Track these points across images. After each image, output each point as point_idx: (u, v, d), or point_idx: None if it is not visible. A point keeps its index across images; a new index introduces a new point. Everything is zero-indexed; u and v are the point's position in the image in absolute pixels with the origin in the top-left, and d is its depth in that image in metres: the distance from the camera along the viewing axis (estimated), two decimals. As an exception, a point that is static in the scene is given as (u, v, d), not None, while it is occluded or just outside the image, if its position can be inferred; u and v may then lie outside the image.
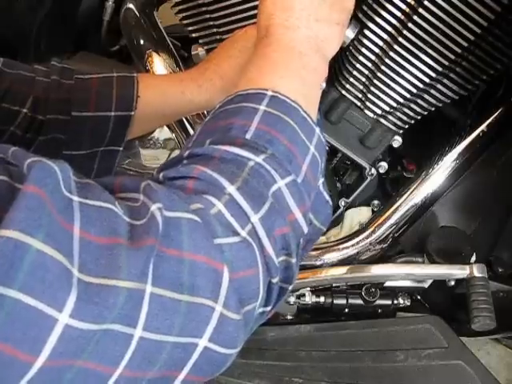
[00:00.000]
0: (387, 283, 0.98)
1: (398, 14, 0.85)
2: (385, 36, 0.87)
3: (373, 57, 0.90)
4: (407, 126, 0.96)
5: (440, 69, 0.88)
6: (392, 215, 0.96)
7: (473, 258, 0.93)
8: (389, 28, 0.86)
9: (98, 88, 0.72)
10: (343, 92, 0.94)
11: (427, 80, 0.89)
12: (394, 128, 0.96)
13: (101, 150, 0.73)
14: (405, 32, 0.85)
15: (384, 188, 1.06)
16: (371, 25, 0.87)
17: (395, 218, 0.96)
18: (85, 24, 1.20)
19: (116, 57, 1.24)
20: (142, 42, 1.06)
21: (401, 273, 0.95)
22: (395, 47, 0.87)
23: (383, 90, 0.92)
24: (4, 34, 1.09)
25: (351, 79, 0.93)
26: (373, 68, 0.91)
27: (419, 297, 1.02)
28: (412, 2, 0.83)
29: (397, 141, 0.96)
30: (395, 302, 0.99)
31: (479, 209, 0.98)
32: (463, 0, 0.82)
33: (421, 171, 0.96)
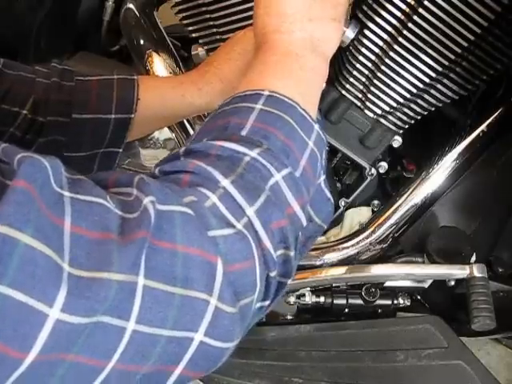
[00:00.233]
0: (387, 283, 0.98)
1: (398, 14, 0.85)
2: (385, 36, 0.87)
3: (373, 57, 0.90)
4: (407, 126, 0.96)
5: (440, 69, 0.88)
6: (392, 215, 0.96)
7: (473, 258, 0.93)
8: (389, 28, 0.86)
9: (99, 90, 0.72)
10: (343, 92, 0.94)
11: (427, 80, 0.89)
12: (394, 128, 0.96)
13: (100, 152, 0.73)
14: (405, 32, 0.85)
15: (384, 188, 1.06)
16: (371, 25, 0.87)
17: (395, 218, 0.96)
18: (85, 24, 1.20)
19: (116, 57, 1.24)
20: (142, 42, 1.06)
21: (401, 273, 0.95)
22: (395, 47, 0.87)
23: (383, 90, 0.92)
24: (4, 34, 1.09)
25: (351, 79, 0.93)
26: (373, 68, 0.91)
27: (419, 297, 1.02)
28: (412, 2, 0.83)
29: (397, 141, 0.96)
30: (395, 302, 0.99)
31: (479, 209, 0.98)
32: (463, 0, 0.82)
33: (421, 171, 0.96)
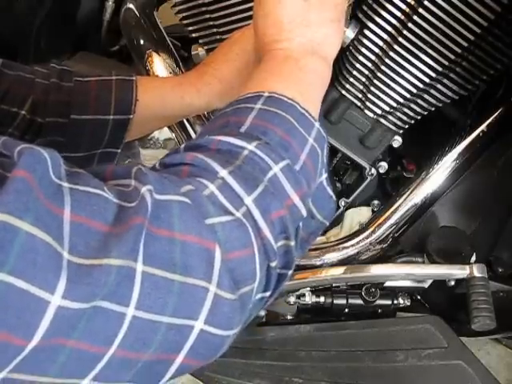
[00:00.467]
0: (387, 283, 0.98)
1: (398, 14, 0.85)
2: (385, 36, 0.87)
3: (373, 57, 0.90)
4: (407, 126, 0.96)
5: (440, 69, 0.88)
6: (392, 215, 0.96)
7: (473, 258, 0.93)
8: (389, 28, 0.86)
9: (97, 91, 0.73)
10: (343, 92, 0.94)
11: (427, 80, 0.89)
12: (394, 128, 0.96)
13: (99, 152, 0.74)
14: (405, 32, 0.85)
15: (384, 188, 1.06)
16: (371, 25, 0.87)
17: (395, 218, 0.96)
18: (85, 24, 1.20)
19: (116, 57, 1.24)
20: (142, 42, 1.06)
21: (401, 273, 0.95)
22: (395, 47, 0.87)
23: (383, 90, 0.92)
24: (4, 34, 1.09)
25: (351, 79, 0.93)
26: (373, 68, 0.91)
27: (419, 297, 1.02)
28: (412, 2, 0.83)
29: (397, 141, 0.96)
30: (395, 302, 0.99)
31: (479, 209, 0.98)
32: (463, 0, 0.82)
33: (421, 171, 0.96)
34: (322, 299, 0.99)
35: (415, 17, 0.84)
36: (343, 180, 1.05)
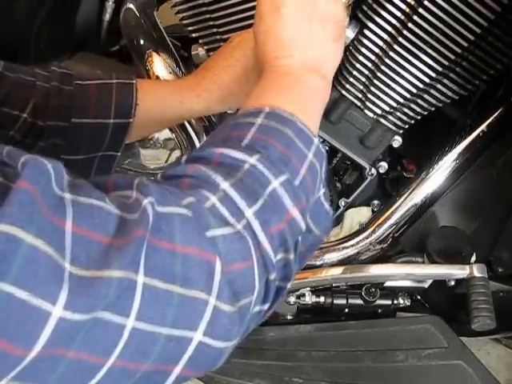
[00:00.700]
0: (387, 283, 0.98)
1: (398, 14, 0.85)
2: (385, 36, 0.87)
3: (373, 57, 0.90)
4: (407, 126, 0.96)
5: (440, 69, 0.88)
6: (392, 215, 0.96)
7: (473, 258, 0.93)
8: (389, 28, 0.86)
9: (98, 95, 0.73)
10: (343, 92, 0.94)
11: (427, 80, 0.89)
12: (394, 128, 0.96)
13: (99, 155, 0.74)
14: (405, 32, 0.85)
15: (384, 188, 1.06)
16: (371, 25, 0.87)
17: (395, 218, 0.96)
18: (85, 24, 1.20)
19: (116, 57, 1.24)
20: (142, 42, 1.06)
21: (401, 273, 0.95)
22: (395, 47, 0.87)
23: (383, 90, 0.92)
24: (4, 34, 1.09)
25: (351, 79, 0.93)
26: (373, 68, 0.91)
27: (419, 297, 1.02)
28: (412, 2, 0.83)
29: (397, 141, 0.96)
30: (395, 302, 0.99)
31: (479, 209, 0.98)
32: (463, 0, 0.82)
33: (421, 171, 0.96)
34: (322, 299, 0.99)
35: (415, 17, 0.84)
36: (343, 180, 1.05)
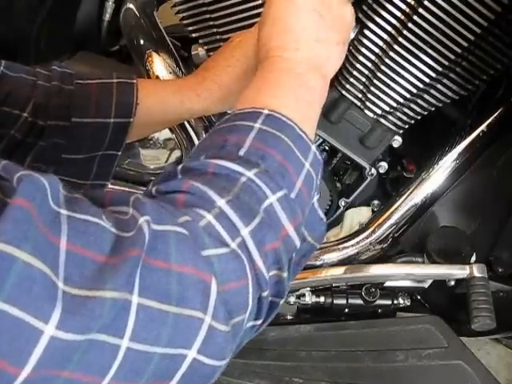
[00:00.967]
0: (387, 283, 0.98)
1: (398, 14, 0.85)
2: (385, 36, 0.87)
3: (373, 57, 0.90)
4: (407, 126, 0.96)
5: (440, 69, 0.88)
6: (392, 215, 0.96)
7: (473, 258, 0.93)
8: (389, 28, 0.86)
9: (98, 94, 0.73)
10: (343, 92, 0.94)
11: (427, 80, 0.89)
12: (394, 128, 0.96)
13: (100, 154, 0.74)
14: (405, 32, 0.85)
15: (384, 188, 1.06)
16: (371, 25, 0.87)
17: (395, 218, 0.96)
18: (85, 24, 1.20)
19: (116, 57, 1.24)
20: (142, 42, 1.06)
21: (401, 273, 0.95)
22: (395, 47, 0.87)
23: (383, 90, 0.92)
24: (4, 34, 1.09)
25: (351, 79, 0.93)
26: (373, 68, 0.91)
27: (419, 297, 1.02)
28: (412, 2, 0.83)
29: (397, 141, 0.96)
30: (395, 302, 0.99)
31: (479, 209, 0.98)
32: (463, 0, 0.82)
33: (421, 171, 0.96)
34: (322, 299, 0.99)
35: (415, 17, 0.84)
36: (343, 180, 1.05)
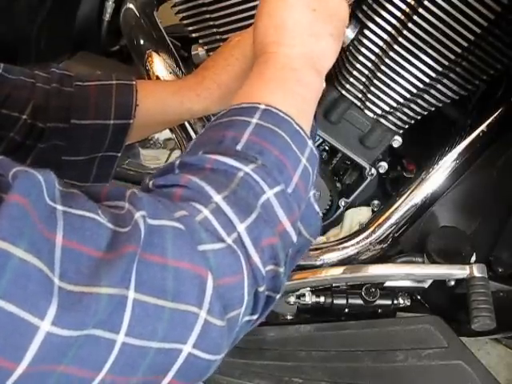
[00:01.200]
0: (387, 283, 0.98)
1: (398, 14, 0.85)
2: (385, 36, 0.87)
3: (373, 57, 0.90)
4: (407, 126, 0.96)
5: (440, 69, 0.88)
6: (392, 215, 0.96)
7: (473, 258, 0.93)
8: (389, 28, 0.86)
9: (97, 96, 0.73)
10: (343, 92, 0.94)
11: (427, 80, 0.89)
12: (394, 128, 0.96)
13: (99, 156, 0.74)
14: (405, 32, 0.85)
15: (384, 188, 1.06)
16: (371, 25, 0.87)
17: (395, 218, 0.96)
18: (85, 24, 1.20)
19: (116, 57, 1.24)
20: (142, 42, 1.06)
21: (401, 273, 0.95)
22: (395, 47, 0.87)
23: (383, 90, 0.92)
24: (4, 34, 1.09)
25: (351, 79, 0.93)
26: (373, 68, 0.91)
27: (419, 297, 1.02)
28: (412, 2, 0.83)
29: (397, 141, 0.96)
30: (395, 302, 0.99)
31: (479, 209, 0.98)
32: (463, 0, 0.82)
33: (421, 171, 0.96)
34: (322, 299, 0.99)
35: (415, 17, 0.84)
36: (343, 180, 1.05)
